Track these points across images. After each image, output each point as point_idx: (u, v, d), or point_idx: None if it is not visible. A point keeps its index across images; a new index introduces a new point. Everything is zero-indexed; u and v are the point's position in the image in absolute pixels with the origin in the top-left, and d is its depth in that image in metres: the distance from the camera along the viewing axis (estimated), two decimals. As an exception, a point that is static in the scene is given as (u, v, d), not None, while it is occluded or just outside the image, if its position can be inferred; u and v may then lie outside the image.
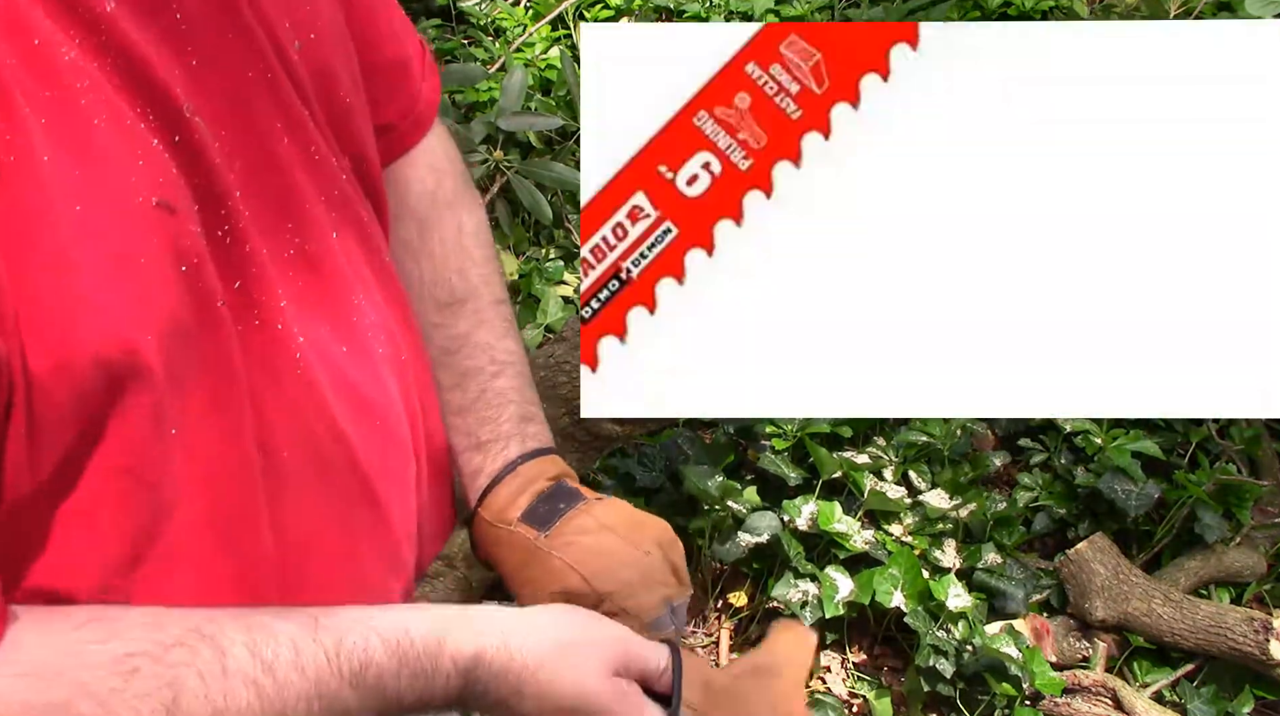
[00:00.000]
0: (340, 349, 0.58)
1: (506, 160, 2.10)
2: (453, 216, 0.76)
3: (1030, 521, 1.90)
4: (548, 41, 2.50)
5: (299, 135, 0.56)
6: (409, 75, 0.73)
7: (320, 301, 0.57)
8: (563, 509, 0.67)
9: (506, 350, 0.74)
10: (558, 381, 1.43)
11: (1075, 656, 1.74)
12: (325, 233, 0.58)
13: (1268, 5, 1.55)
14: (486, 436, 0.71)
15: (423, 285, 0.74)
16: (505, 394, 0.72)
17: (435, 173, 0.76)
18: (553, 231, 2.24)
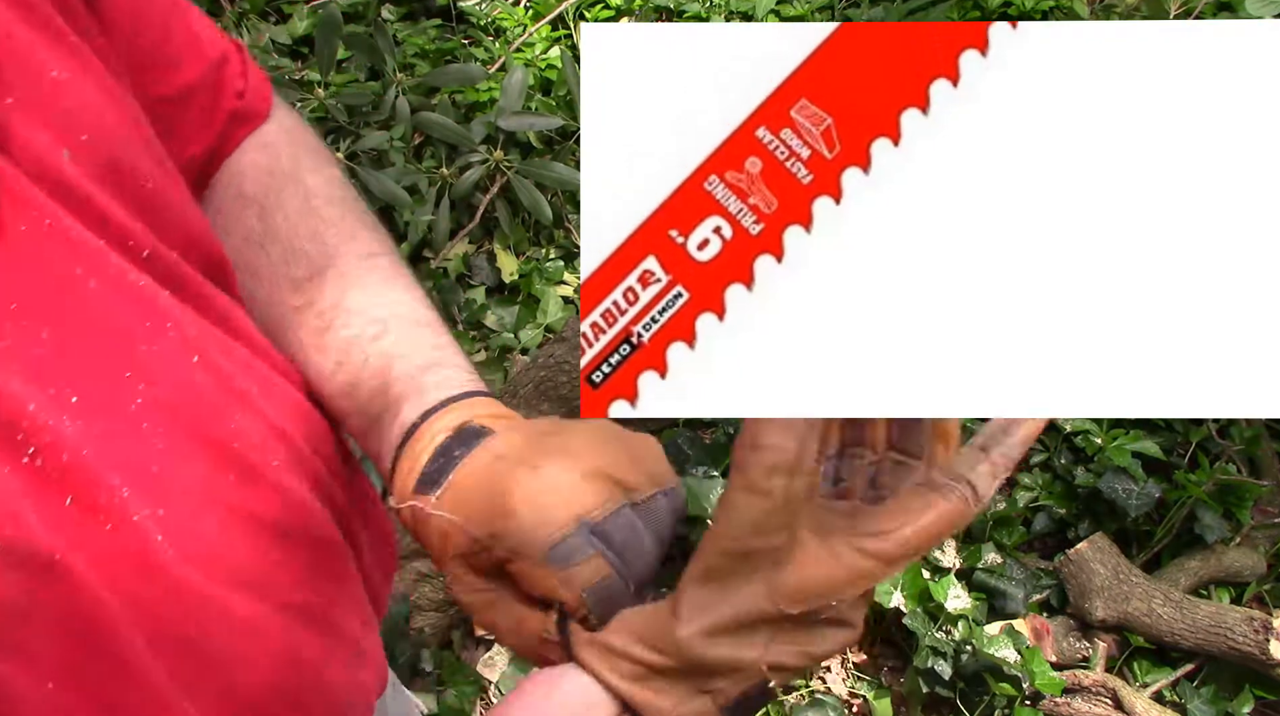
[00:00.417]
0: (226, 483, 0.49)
1: (506, 160, 2.10)
2: (295, 186, 0.65)
3: (1030, 521, 1.90)
4: (548, 41, 2.50)
5: (102, 268, 0.46)
6: (221, 90, 0.64)
7: (185, 454, 0.48)
8: (458, 457, 0.52)
9: (389, 303, 0.61)
10: (558, 381, 1.43)
11: (1075, 656, 1.74)
12: (178, 360, 0.49)
13: (1268, 5, 1.55)
14: (377, 408, 0.57)
15: (274, 269, 0.63)
16: (391, 352, 0.59)
17: (268, 149, 0.67)
18: (553, 231, 2.24)
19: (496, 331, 2.08)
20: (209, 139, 0.64)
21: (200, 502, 0.48)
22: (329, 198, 0.65)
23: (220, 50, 0.64)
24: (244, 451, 0.51)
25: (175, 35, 0.60)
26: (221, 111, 0.64)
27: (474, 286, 2.17)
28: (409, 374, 0.57)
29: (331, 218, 0.64)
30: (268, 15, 2.56)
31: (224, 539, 0.48)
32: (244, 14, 2.52)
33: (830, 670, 1.76)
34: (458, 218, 2.16)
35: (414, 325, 0.60)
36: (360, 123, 2.15)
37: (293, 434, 0.55)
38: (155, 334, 0.48)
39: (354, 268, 0.62)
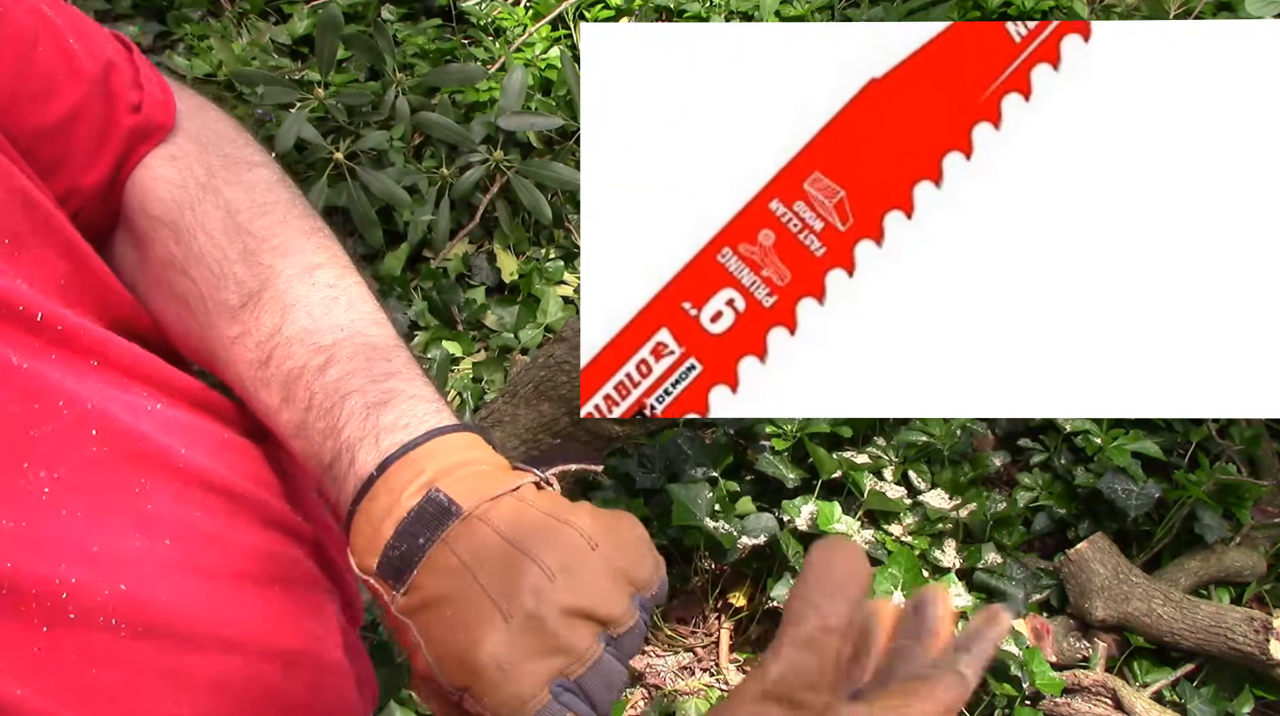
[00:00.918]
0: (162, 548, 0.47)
1: (506, 160, 2.10)
2: (214, 199, 0.58)
3: (1030, 521, 1.90)
4: (548, 41, 2.50)
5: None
6: (111, 106, 0.57)
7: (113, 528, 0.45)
8: (422, 546, 0.46)
9: (335, 326, 0.54)
10: (558, 381, 1.43)
11: (1075, 656, 1.74)
12: (74, 438, 0.45)
13: (1268, 5, 1.55)
14: (329, 454, 0.51)
15: (203, 298, 0.56)
16: (340, 386, 0.52)
17: (176, 162, 0.59)
18: (553, 231, 2.23)
19: (496, 331, 2.08)
20: (107, 163, 0.57)
21: (155, 570, 0.46)
22: (255, 207, 0.58)
23: (102, 62, 0.56)
24: (161, 512, 0.47)
25: (40, 59, 0.52)
26: (116, 130, 0.57)
27: (474, 286, 2.17)
28: (361, 413, 0.51)
29: (261, 231, 0.57)
30: (268, 15, 2.56)
31: (180, 602, 0.46)
32: (244, 14, 2.52)
33: (830, 670, 1.76)
34: (458, 218, 2.16)
35: (363, 350, 0.54)
36: (360, 123, 2.15)
37: (225, 476, 0.52)
38: (46, 415, 0.44)
39: (292, 288, 0.56)
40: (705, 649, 1.80)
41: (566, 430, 1.46)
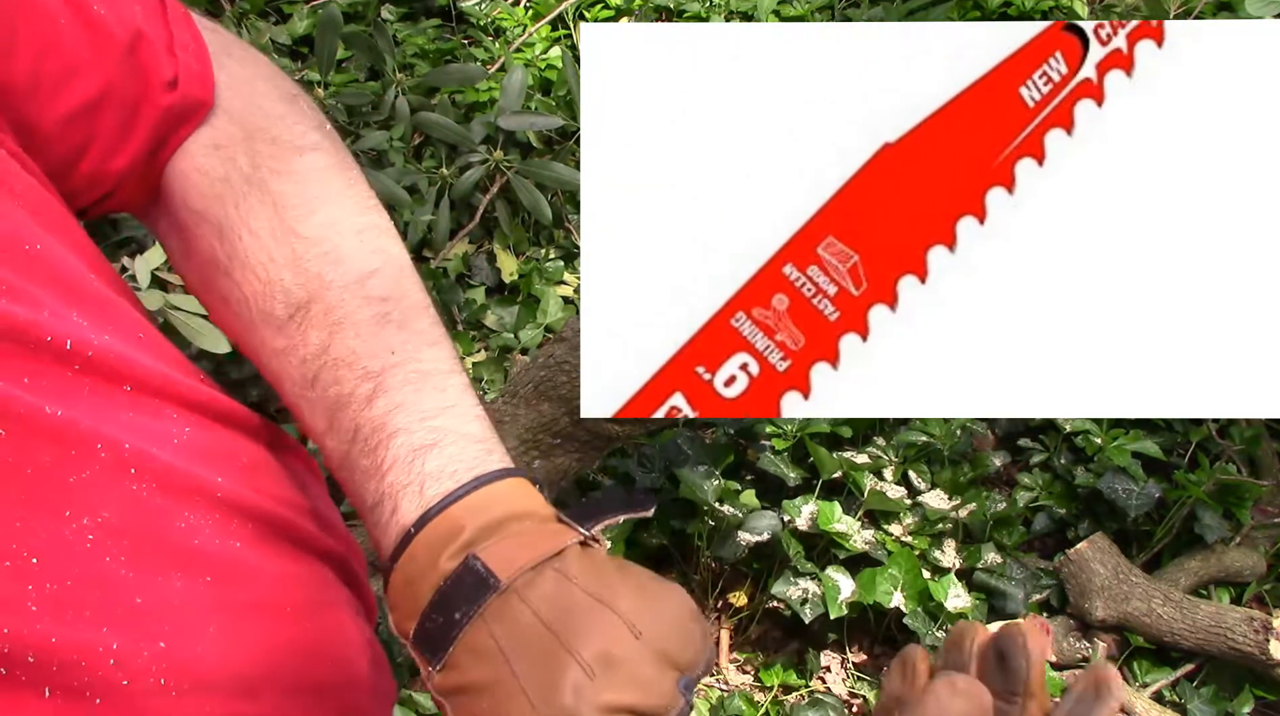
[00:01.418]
0: (204, 586, 0.46)
1: (506, 160, 2.10)
2: (260, 194, 0.53)
3: (1030, 521, 1.90)
4: (548, 41, 2.50)
5: (6, 411, 0.41)
6: (144, 83, 0.52)
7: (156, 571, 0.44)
8: (459, 621, 0.44)
9: (385, 349, 0.51)
10: (558, 381, 1.43)
11: (1075, 656, 1.74)
12: (114, 480, 0.44)
13: (1268, 5, 1.55)
14: (370, 498, 0.49)
15: (247, 304, 0.53)
16: (387, 422, 0.49)
17: (220, 150, 0.54)
18: (553, 231, 2.23)
19: (496, 331, 2.08)
20: (138, 145, 0.53)
21: (193, 618, 0.45)
22: (304, 204, 0.54)
23: (131, 30, 0.51)
24: (204, 547, 0.46)
25: (62, 38, 0.48)
26: (149, 109, 0.52)
27: (474, 286, 2.17)
28: (407, 457, 0.48)
29: (311, 233, 0.53)
30: (268, 15, 2.56)
31: (216, 652, 0.45)
32: (244, 14, 2.52)
33: (830, 670, 1.76)
34: (458, 218, 2.16)
35: (416, 378, 0.51)
36: (360, 123, 2.15)
37: (259, 501, 0.50)
38: (83, 461, 0.43)
39: (342, 301, 0.52)
40: (705, 649, 1.80)
41: (566, 430, 1.46)
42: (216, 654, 0.45)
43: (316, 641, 0.51)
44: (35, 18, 0.47)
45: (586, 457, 1.52)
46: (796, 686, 1.73)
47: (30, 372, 0.43)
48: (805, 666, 1.75)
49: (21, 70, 0.47)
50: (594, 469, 1.76)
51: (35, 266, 0.45)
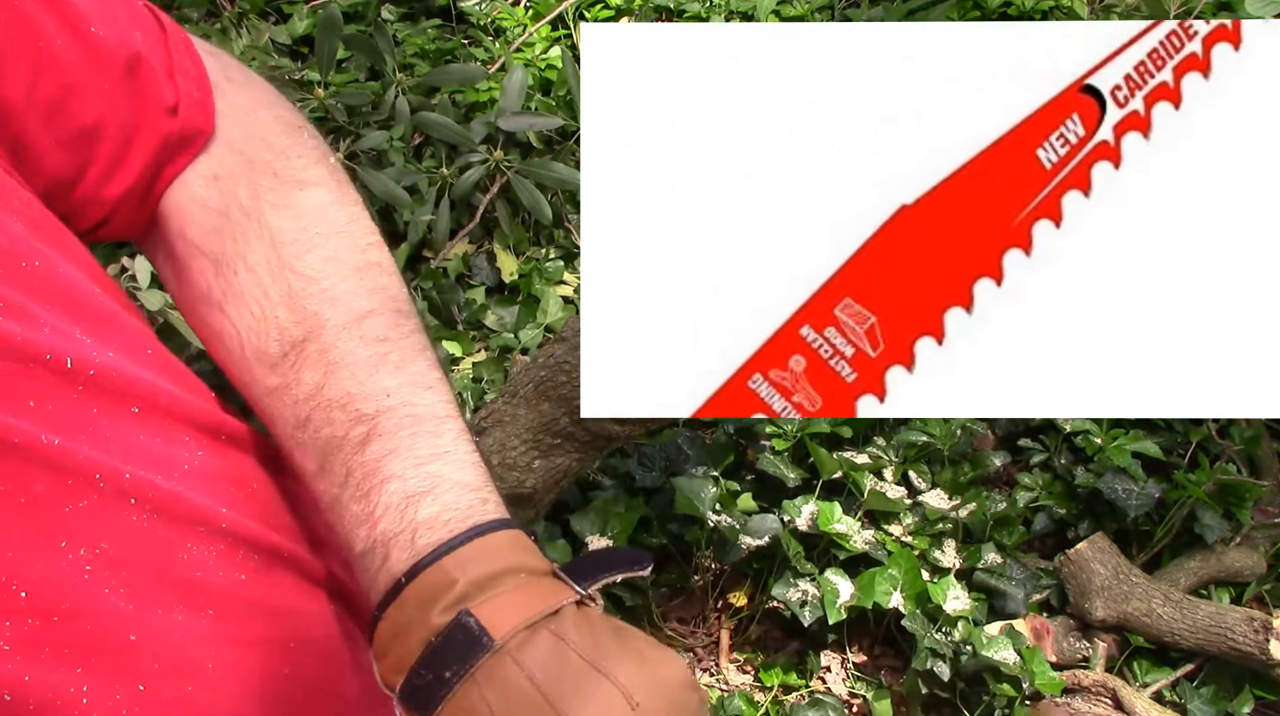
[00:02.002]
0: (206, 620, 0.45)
1: (506, 160, 2.10)
2: (258, 228, 0.52)
3: (1030, 521, 1.90)
4: (548, 41, 2.50)
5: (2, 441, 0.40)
6: (141, 108, 0.51)
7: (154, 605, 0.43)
8: (449, 680, 0.43)
9: (380, 392, 0.49)
10: (558, 381, 1.43)
11: (1075, 656, 1.74)
12: (113, 510, 0.43)
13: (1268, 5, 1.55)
14: (360, 545, 0.47)
15: (240, 341, 0.52)
16: (380, 467, 0.48)
17: (219, 182, 0.53)
18: (553, 231, 2.23)
19: (496, 331, 2.08)
20: (135, 171, 0.52)
21: (192, 652, 0.44)
22: (302, 240, 0.52)
23: (130, 53, 0.50)
24: (208, 580, 0.45)
25: (58, 59, 0.47)
26: (149, 135, 0.51)
27: (474, 286, 2.17)
28: (399, 504, 0.47)
29: (309, 270, 0.52)
30: (268, 15, 2.56)
31: (220, 685, 0.44)
32: (244, 14, 2.52)
33: (830, 670, 1.76)
34: (458, 218, 2.16)
35: (410, 423, 0.49)
36: (360, 123, 2.15)
37: (263, 531, 0.49)
38: (80, 490, 0.41)
39: (338, 341, 0.51)
40: (705, 648, 1.80)
41: (566, 430, 1.46)
42: (208, 693, 0.44)
43: (319, 679, 0.51)
44: (31, 36, 0.46)
45: (586, 457, 1.52)
46: (796, 686, 1.73)
47: (35, 395, 0.42)
48: (805, 666, 1.75)
49: (16, 89, 0.46)
50: (594, 469, 1.76)
51: (34, 282, 0.44)
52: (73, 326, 0.44)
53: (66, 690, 0.40)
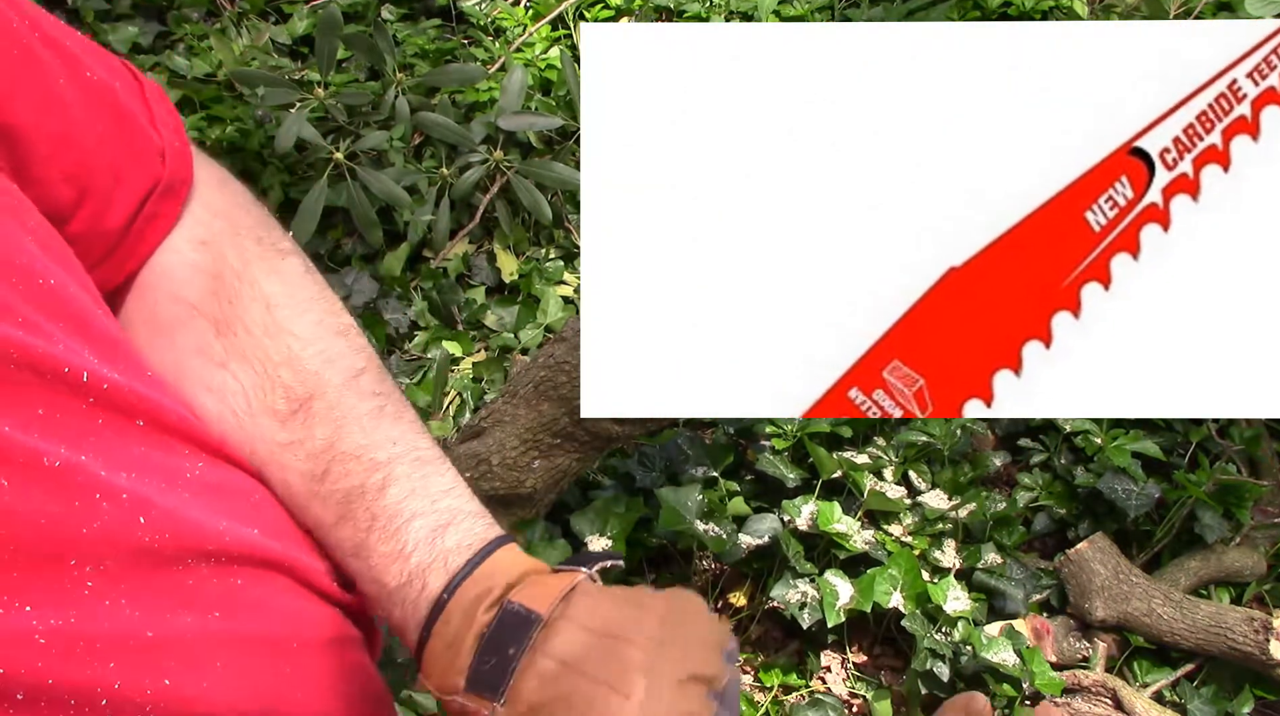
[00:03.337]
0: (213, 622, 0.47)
1: (506, 160, 2.10)
2: (252, 292, 0.56)
3: (1030, 521, 1.90)
4: (548, 41, 2.50)
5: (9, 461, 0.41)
6: (133, 149, 0.53)
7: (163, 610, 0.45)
8: (513, 656, 0.48)
9: (387, 441, 0.55)
10: (558, 381, 1.43)
11: (1075, 656, 1.74)
12: (123, 530, 0.44)
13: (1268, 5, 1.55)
14: (394, 580, 0.52)
15: (249, 400, 0.55)
16: (402, 509, 0.53)
17: (209, 246, 0.57)
18: (553, 231, 2.23)
19: (496, 331, 2.08)
20: (125, 214, 0.54)
21: (201, 652, 0.45)
22: (294, 305, 0.57)
23: (116, 98, 0.53)
24: (202, 586, 0.47)
25: (65, 96, 0.50)
26: (139, 178, 0.54)
27: (474, 286, 2.17)
28: (428, 538, 0.52)
29: (304, 333, 0.56)
30: (268, 15, 2.56)
31: (223, 688, 0.46)
32: (244, 14, 2.52)
33: (830, 670, 1.76)
34: (458, 218, 2.16)
35: (419, 466, 0.55)
36: (360, 123, 2.15)
37: (264, 544, 0.51)
38: (89, 512, 0.43)
39: (342, 398, 0.55)
40: (705, 649, 1.80)
41: (566, 430, 1.46)
42: (221, 690, 0.46)
43: (322, 678, 0.52)
44: (38, 71, 0.48)
45: (586, 457, 1.52)
46: (796, 686, 1.73)
47: (45, 404, 0.43)
48: (805, 666, 1.75)
49: (26, 118, 0.47)
50: (594, 469, 1.76)
51: (49, 301, 0.45)
52: (83, 346, 0.46)
53: (93, 688, 0.41)
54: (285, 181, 2.15)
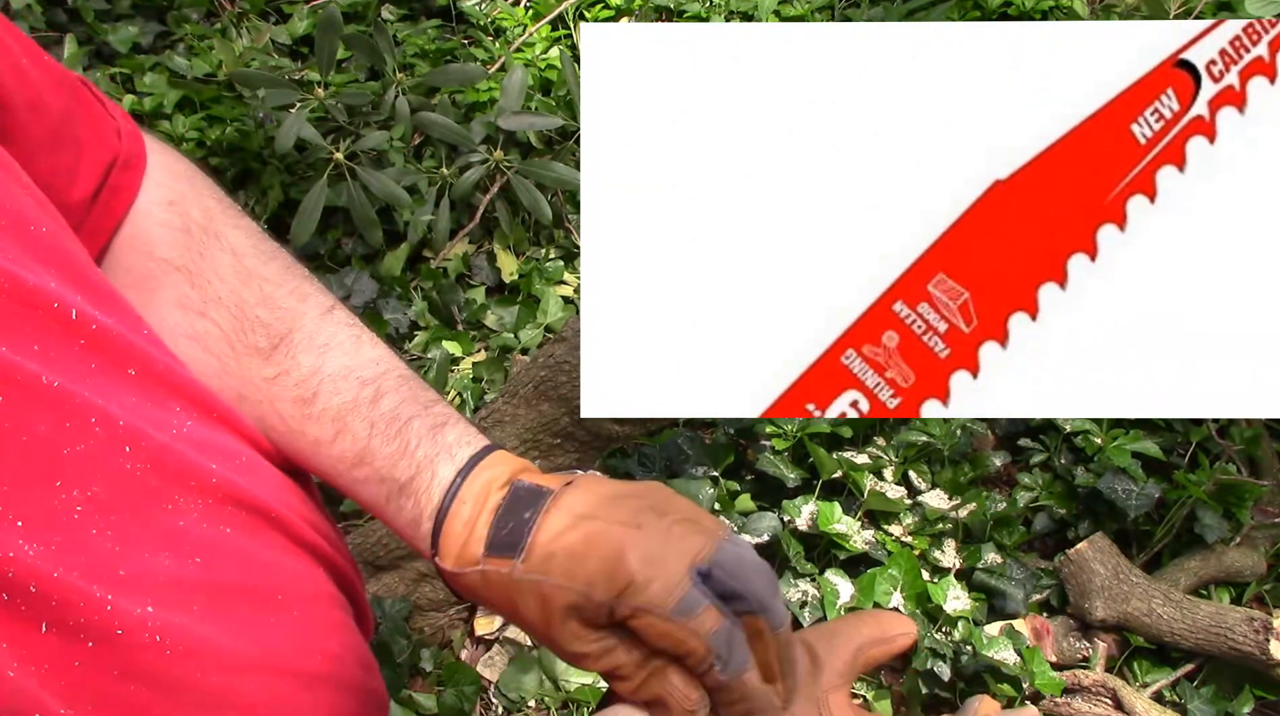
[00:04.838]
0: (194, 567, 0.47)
1: (506, 160, 2.10)
2: (219, 243, 0.60)
3: (1030, 521, 1.90)
4: (548, 41, 2.50)
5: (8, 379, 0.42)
6: (93, 124, 0.57)
7: (143, 548, 0.45)
8: (529, 518, 0.51)
9: (370, 361, 0.58)
10: (558, 381, 1.43)
11: (1075, 656, 1.74)
12: (108, 456, 0.45)
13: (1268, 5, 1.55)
14: (405, 474, 0.55)
15: (231, 341, 0.58)
16: (398, 413, 0.56)
17: (175, 206, 0.60)
18: (553, 231, 2.23)
19: (496, 331, 2.08)
20: (90, 183, 0.56)
21: (180, 594, 0.46)
22: (259, 253, 0.60)
23: (71, 79, 0.56)
24: (190, 529, 0.48)
25: (30, 73, 0.52)
26: (99, 151, 0.57)
27: (474, 286, 2.17)
28: (429, 435, 0.56)
29: (274, 276, 0.60)
30: (268, 15, 2.56)
31: (213, 624, 0.47)
32: (244, 14, 2.52)
33: (830, 670, 1.76)
34: (458, 218, 2.16)
35: (404, 380, 0.58)
36: (360, 123, 2.15)
37: (253, 492, 0.52)
38: (79, 433, 0.44)
39: (320, 328, 0.59)
40: (705, 649, 1.80)
41: (566, 430, 1.46)
42: (204, 628, 0.46)
43: (306, 632, 0.52)
44: (4, 46, 0.50)
45: (586, 457, 1.52)
46: (796, 686, 1.72)
47: (39, 339, 0.44)
48: (805, 666, 1.75)
49: (4, 84, 0.49)
50: (594, 469, 1.76)
51: (41, 247, 0.46)
52: (76, 293, 0.47)
53: (93, 594, 0.42)
54: (285, 181, 2.15)
